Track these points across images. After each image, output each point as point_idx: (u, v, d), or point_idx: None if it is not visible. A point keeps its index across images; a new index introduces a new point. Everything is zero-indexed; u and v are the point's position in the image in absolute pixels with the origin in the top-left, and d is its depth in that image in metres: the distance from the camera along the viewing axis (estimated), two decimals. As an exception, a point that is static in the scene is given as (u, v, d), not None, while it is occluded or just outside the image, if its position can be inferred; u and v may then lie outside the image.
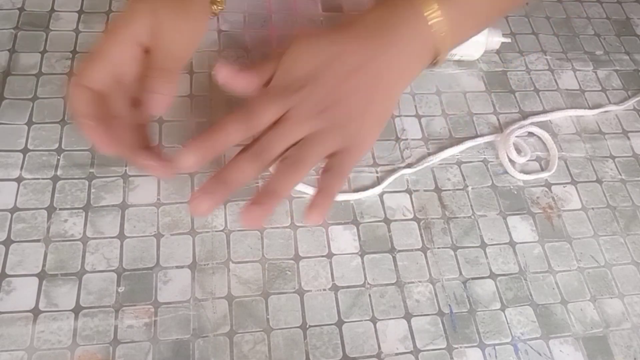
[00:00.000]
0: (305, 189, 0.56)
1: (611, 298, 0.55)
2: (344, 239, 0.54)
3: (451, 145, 0.61)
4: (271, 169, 0.51)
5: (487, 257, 0.55)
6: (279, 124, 0.47)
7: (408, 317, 0.51)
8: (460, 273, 0.54)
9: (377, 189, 0.57)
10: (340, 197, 0.56)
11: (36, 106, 0.57)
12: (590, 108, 0.67)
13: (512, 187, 0.60)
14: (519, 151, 0.61)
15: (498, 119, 0.64)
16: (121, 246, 0.51)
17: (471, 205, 0.58)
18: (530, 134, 0.64)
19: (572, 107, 0.66)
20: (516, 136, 0.62)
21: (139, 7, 0.49)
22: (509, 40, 0.68)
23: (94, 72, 0.47)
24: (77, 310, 0.48)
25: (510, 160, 0.61)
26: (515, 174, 0.60)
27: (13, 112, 0.57)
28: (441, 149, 0.61)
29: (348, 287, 0.52)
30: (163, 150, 0.56)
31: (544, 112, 0.66)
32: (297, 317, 0.50)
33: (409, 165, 0.59)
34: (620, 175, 0.63)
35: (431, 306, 0.52)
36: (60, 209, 0.52)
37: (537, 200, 0.59)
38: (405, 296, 0.52)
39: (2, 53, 0.60)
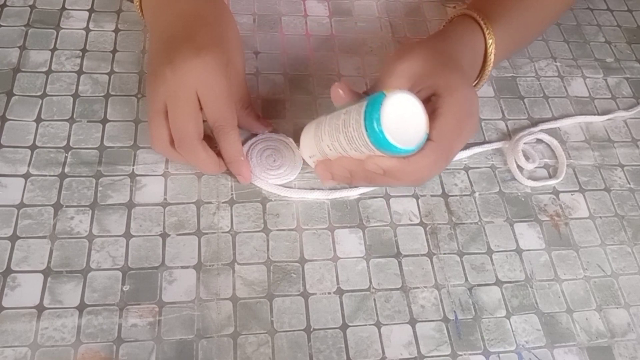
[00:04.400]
0: (306, 195, 0.56)
1: (617, 308, 0.54)
2: (350, 243, 0.54)
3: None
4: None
5: (493, 264, 0.55)
6: None
7: (413, 322, 0.51)
8: (466, 279, 0.54)
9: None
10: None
11: (45, 103, 0.58)
12: (599, 114, 0.67)
13: (519, 193, 0.59)
14: (527, 158, 0.61)
15: (506, 125, 0.64)
16: (127, 245, 0.51)
17: (478, 212, 0.58)
18: (539, 140, 0.63)
19: (581, 114, 0.66)
20: (525, 143, 0.62)
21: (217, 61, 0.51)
22: None
23: (235, 116, 0.52)
24: (81, 307, 0.48)
25: (519, 167, 0.61)
26: (523, 181, 0.60)
27: (22, 109, 0.57)
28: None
29: (353, 291, 0.52)
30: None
31: (553, 118, 0.65)
32: (301, 320, 0.50)
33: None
34: (629, 184, 0.62)
35: (436, 312, 0.52)
36: (66, 206, 0.52)
37: (545, 208, 0.59)
38: (410, 301, 0.52)
39: (13, 50, 0.61)
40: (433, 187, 0.58)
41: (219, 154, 0.53)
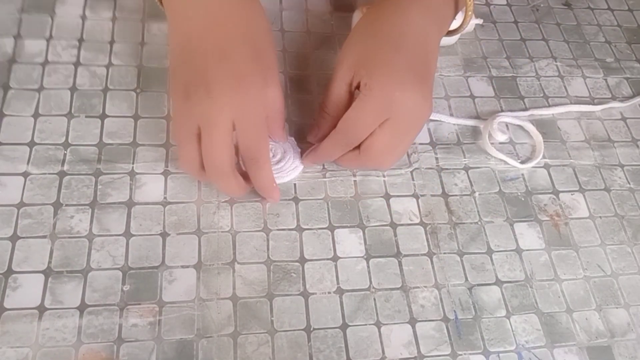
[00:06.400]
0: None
1: (617, 308, 0.55)
2: (350, 243, 0.54)
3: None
4: None
5: (493, 264, 0.55)
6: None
7: (413, 322, 0.51)
8: (466, 279, 0.54)
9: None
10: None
11: (42, 97, 0.57)
12: (595, 107, 0.67)
13: (519, 193, 0.60)
14: (502, 133, 0.62)
15: (506, 125, 0.64)
16: (127, 244, 0.51)
17: (478, 211, 0.58)
18: (519, 127, 0.64)
19: (579, 112, 0.67)
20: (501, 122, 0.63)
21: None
22: (480, 21, 0.70)
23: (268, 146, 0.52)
24: (82, 308, 0.47)
25: (492, 142, 0.62)
26: (493, 152, 0.61)
27: (19, 103, 0.56)
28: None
29: (353, 290, 0.52)
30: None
31: (553, 118, 0.65)
32: (301, 319, 0.50)
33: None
34: (629, 183, 0.62)
35: (436, 312, 0.52)
36: (66, 205, 0.52)
37: (545, 208, 0.59)
38: (410, 301, 0.52)
39: (7, 40, 0.59)
40: (433, 187, 0.58)
41: (243, 174, 0.52)
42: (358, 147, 0.53)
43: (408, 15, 0.53)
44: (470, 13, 0.56)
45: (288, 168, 0.56)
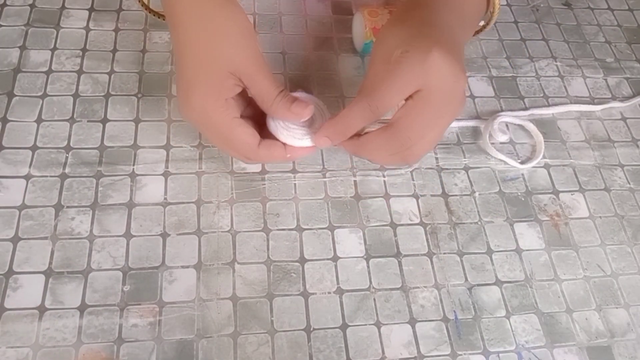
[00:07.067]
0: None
1: (617, 308, 0.55)
2: (350, 243, 0.54)
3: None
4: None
5: (493, 264, 0.55)
6: None
7: (412, 322, 0.51)
8: (466, 279, 0.54)
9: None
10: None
11: (45, 103, 0.58)
12: (595, 107, 0.67)
13: (519, 193, 0.60)
14: (503, 133, 0.62)
15: (506, 125, 0.64)
16: (127, 245, 0.51)
17: (478, 211, 0.58)
18: (520, 126, 0.64)
19: (579, 111, 0.67)
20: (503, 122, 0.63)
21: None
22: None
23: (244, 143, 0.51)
24: (82, 308, 0.48)
25: (492, 143, 0.62)
26: (493, 152, 0.61)
27: (23, 109, 0.57)
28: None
29: (353, 290, 0.52)
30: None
31: (553, 118, 0.65)
32: (301, 319, 0.50)
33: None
34: (629, 183, 0.62)
35: (436, 312, 0.52)
36: (67, 207, 0.52)
37: (545, 208, 0.59)
38: (410, 301, 0.52)
39: (13, 50, 0.61)
40: (433, 187, 0.58)
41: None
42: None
43: (442, 16, 0.51)
44: (494, 19, 0.56)
45: (300, 134, 0.51)
